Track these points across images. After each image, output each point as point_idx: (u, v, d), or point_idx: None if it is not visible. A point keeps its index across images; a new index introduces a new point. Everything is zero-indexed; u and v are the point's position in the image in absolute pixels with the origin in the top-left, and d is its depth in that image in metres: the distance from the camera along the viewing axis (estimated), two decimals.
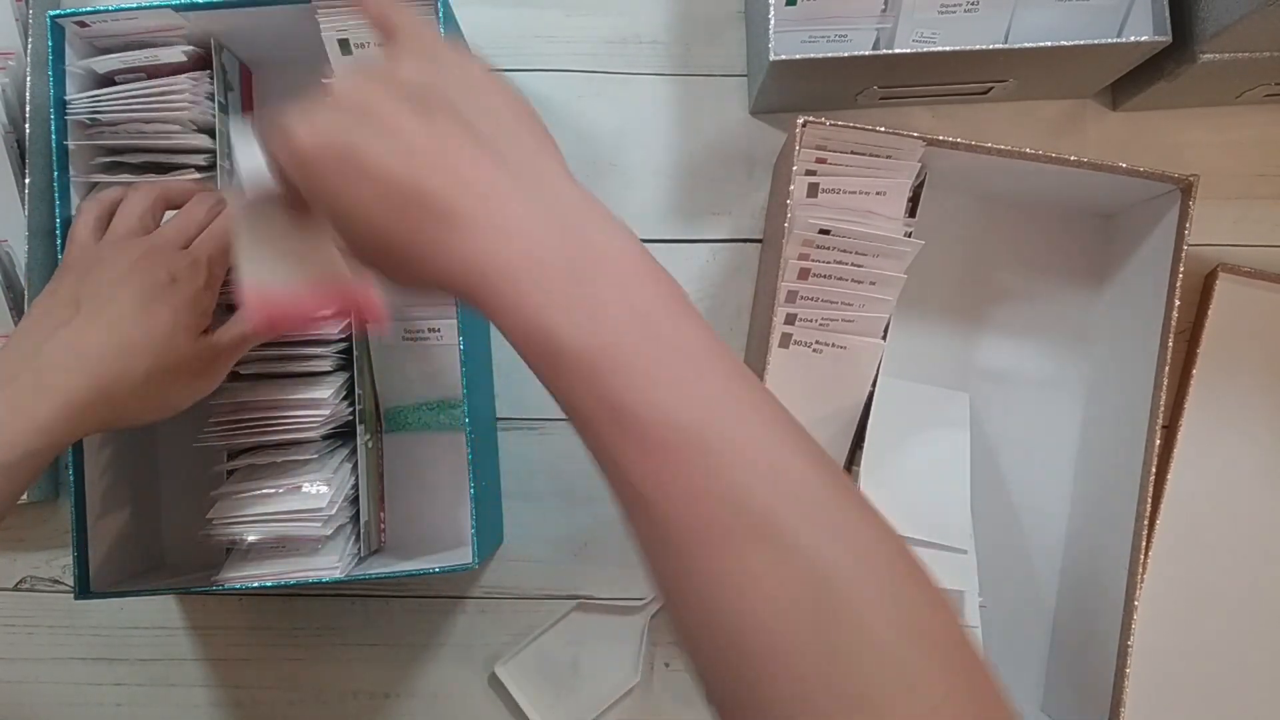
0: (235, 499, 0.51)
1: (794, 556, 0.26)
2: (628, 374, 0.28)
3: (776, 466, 0.27)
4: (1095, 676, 0.52)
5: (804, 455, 0.28)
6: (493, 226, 0.29)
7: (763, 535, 0.26)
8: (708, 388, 0.28)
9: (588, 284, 0.28)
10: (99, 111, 0.52)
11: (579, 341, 0.28)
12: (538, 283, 0.28)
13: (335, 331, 0.52)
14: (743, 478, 0.27)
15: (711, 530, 0.27)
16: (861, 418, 0.55)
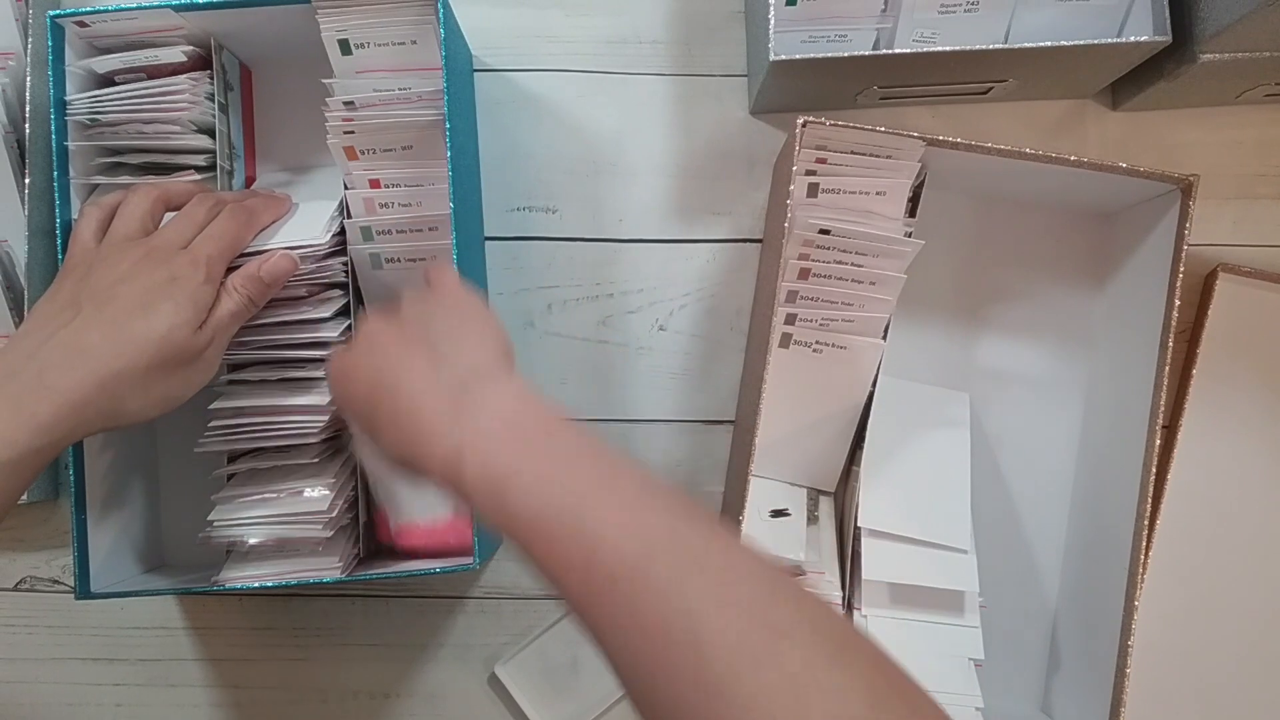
0: (236, 502, 0.51)
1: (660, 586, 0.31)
2: (510, 485, 0.35)
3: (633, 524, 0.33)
4: (1095, 676, 0.52)
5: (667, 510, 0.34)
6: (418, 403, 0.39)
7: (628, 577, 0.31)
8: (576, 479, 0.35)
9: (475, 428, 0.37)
10: (99, 112, 0.52)
11: (474, 473, 0.36)
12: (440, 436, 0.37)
13: (335, 334, 0.52)
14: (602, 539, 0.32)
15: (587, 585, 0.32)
16: (861, 418, 0.55)
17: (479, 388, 0.39)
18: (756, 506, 0.55)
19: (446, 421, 0.38)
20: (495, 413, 0.37)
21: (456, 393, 0.38)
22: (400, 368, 0.41)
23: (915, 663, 0.52)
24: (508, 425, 0.37)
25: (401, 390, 0.40)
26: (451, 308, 0.43)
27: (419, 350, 0.41)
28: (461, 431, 0.37)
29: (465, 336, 0.42)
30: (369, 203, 0.52)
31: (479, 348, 0.41)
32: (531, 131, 0.61)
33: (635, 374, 0.61)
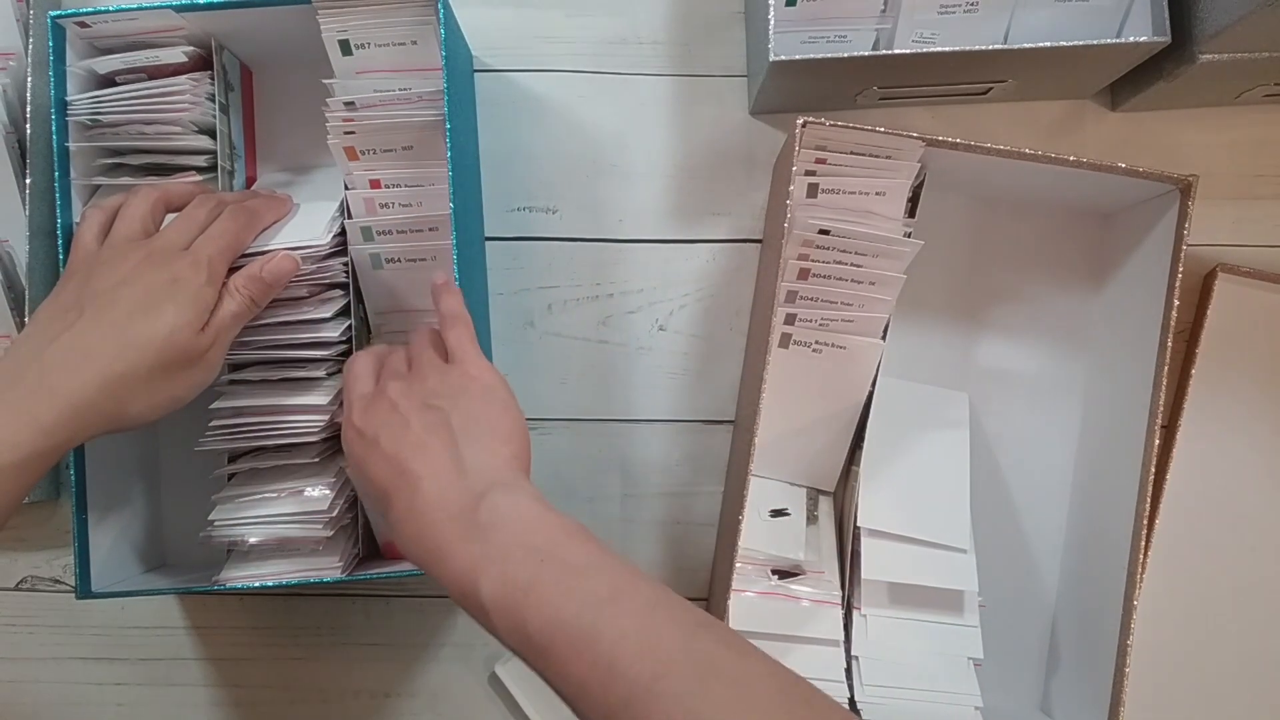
0: (237, 502, 0.52)
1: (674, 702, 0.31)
2: (526, 601, 0.35)
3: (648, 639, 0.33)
4: (1095, 676, 0.52)
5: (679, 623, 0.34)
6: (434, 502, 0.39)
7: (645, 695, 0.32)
8: (590, 593, 0.35)
9: (491, 542, 0.37)
10: (100, 113, 0.52)
11: (490, 590, 0.36)
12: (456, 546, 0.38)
13: (336, 335, 0.52)
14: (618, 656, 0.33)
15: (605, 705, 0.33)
16: (861, 418, 0.55)
17: (497, 499, 0.39)
18: (756, 506, 0.55)
19: (464, 534, 0.38)
20: (513, 529, 0.38)
21: (474, 503, 0.39)
22: (420, 459, 0.40)
23: (915, 662, 0.53)
24: (525, 541, 0.37)
25: (421, 488, 0.40)
26: (478, 397, 0.43)
27: (441, 441, 0.41)
28: (479, 548, 0.37)
29: (488, 434, 0.42)
30: (369, 203, 0.52)
31: (501, 449, 0.41)
32: (531, 132, 0.61)
33: (635, 374, 0.62)
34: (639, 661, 0.32)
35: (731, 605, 0.50)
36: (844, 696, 0.51)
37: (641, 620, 0.34)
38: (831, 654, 0.52)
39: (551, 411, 0.62)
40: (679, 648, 0.33)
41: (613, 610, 0.34)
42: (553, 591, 0.35)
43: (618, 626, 0.34)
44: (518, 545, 0.37)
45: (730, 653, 0.33)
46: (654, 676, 0.32)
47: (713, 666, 0.32)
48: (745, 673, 0.33)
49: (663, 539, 0.62)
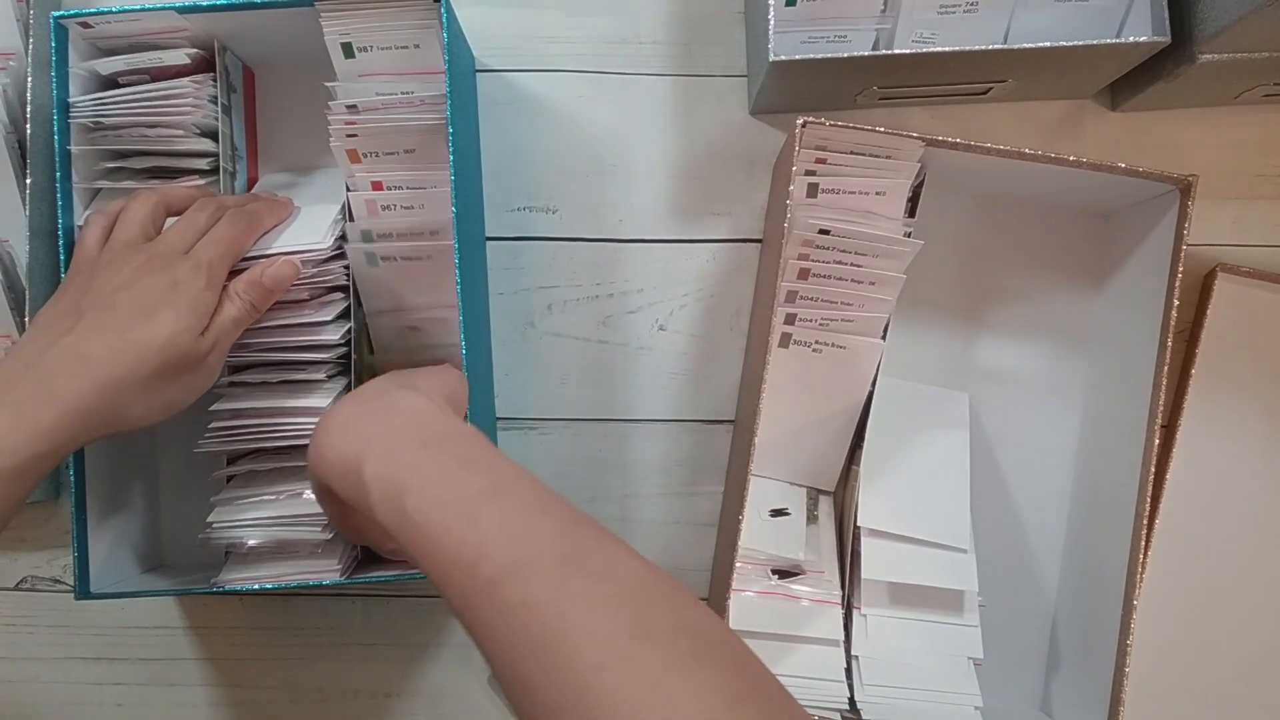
0: (235, 504, 0.51)
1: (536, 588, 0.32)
2: (408, 484, 0.36)
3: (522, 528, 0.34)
4: (1095, 676, 0.52)
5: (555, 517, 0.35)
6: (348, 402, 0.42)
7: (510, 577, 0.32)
8: (474, 484, 0.36)
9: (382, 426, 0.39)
10: (103, 115, 0.52)
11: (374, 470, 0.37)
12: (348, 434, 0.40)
13: (336, 338, 0.52)
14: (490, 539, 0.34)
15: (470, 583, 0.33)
16: (861, 418, 0.55)
17: (396, 396, 0.41)
18: (756, 506, 0.55)
19: (355, 419, 0.40)
20: (404, 416, 0.39)
21: (376, 398, 0.41)
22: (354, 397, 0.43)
23: (915, 662, 0.53)
24: (413, 430, 0.39)
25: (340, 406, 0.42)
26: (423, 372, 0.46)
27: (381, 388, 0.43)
28: (367, 430, 0.39)
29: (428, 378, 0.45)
30: (371, 205, 0.52)
31: (431, 384, 0.44)
32: (532, 132, 0.61)
33: (635, 374, 0.62)
34: (510, 545, 0.33)
35: (731, 605, 0.50)
36: (844, 696, 0.51)
37: (519, 510, 0.35)
38: (831, 654, 0.52)
39: (551, 411, 0.62)
40: (550, 537, 0.34)
41: (494, 501, 0.35)
42: (437, 475, 0.36)
43: (495, 514, 0.35)
44: (408, 433, 0.38)
45: (597, 547, 0.34)
46: (520, 560, 0.33)
47: (578, 557, 0.33)
48: (608, 567, 0.33)
49: (663, 539, 0.62)
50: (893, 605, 0.54)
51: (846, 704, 0.52)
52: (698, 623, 0.32)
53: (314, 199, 0.55)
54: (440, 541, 0.34)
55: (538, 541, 0.34)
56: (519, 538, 0.34)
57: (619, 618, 0.31)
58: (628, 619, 0.31)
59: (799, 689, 0.51)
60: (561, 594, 0.32)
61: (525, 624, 0.31)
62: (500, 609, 0.32)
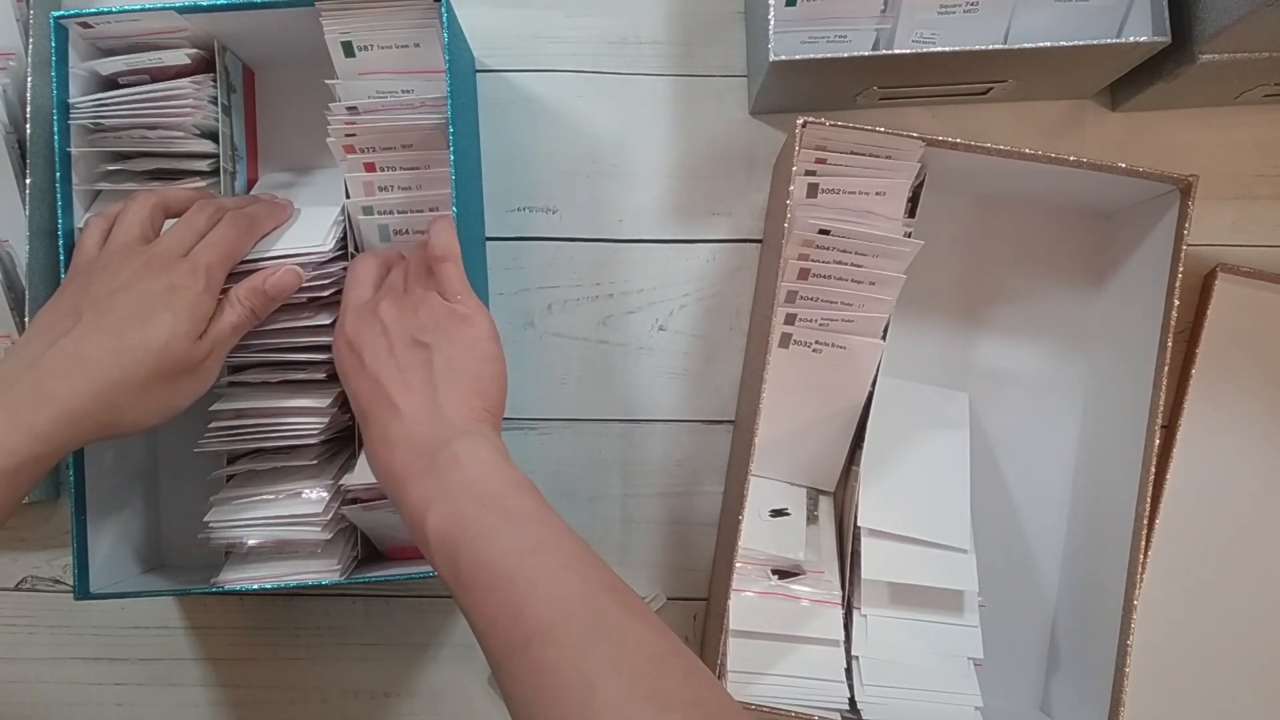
0: (234, 503, 0.51)
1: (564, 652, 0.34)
2: (461, 538, 0.38)
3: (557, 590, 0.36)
4: (1095, 676, 0.52)
5: (588, 581, 0.37)
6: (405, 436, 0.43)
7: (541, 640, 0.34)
8: (518, 540, 0.38)
9: (445, 482, 0.40)
10: (103, 116, 0.52)
11: (435, 523, 0.39)
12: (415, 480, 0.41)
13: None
14: (527, 600, 0.36)
15: (507, 643, 0.35)
16: (861, 418, 0.55)
17: (458, 445, 0.41)
18: (756, 506, 0.55)
19: (424, 470, 0.41)
20: (465, 472, 0.41)
21: (439, 446, 0.42)
22: (400, 393, 0.44)
23: (915, 662, 0.53)
24: (473, 486, 0.40)
25: (396, 420, 0.43)
26: (466, 345, 0.45)
27: (421, 380, 0.44)
28: (431, 486, 0.41)
29: (467, 383, 0.44)
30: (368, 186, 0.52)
31: (475, 401, 0.44)
32: (532, 132, 0.61)
33: (635, 374, 0.62)
34: (543, 609, 0.35)
35: (731, 605, 0.50)
36: (844, 696, 0.51)
37: (555, 573, 0.37)
38: (831, 654, 0.52)
39: (551, 411, 0.62)
40: (580, 603, 0.36)
41: (533, 560, 0.37)
42: (486, 534, 0.38)
43: (533, 575, 0.37)
44: (466, 488, 0.40)
45: (624, 615, 0.36)
46: (551, 624, 0.35)
47: (605, 625, 0.35)
48: (632, 636, 0.35)
49: (663, 539, 0.62)
50: (893, 605, 0.54)
51: (846, 704, 0.52)
52: (712, 698, 0.34)
53: (314, 198, 0.55)
54: (484, 600, 0.37)
55: (569, 605, 0.36)
56: (551, 600, 0.36)
57: (639, 687, 0.33)
58: (647, 688, 0.33)
59: (799, 689, 0.51)
60: (586, 660, 0.34)
61: (553, 687, 0.33)
62: (531, 669, 0.34)
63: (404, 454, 0.42)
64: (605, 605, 0.36)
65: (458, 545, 0.38)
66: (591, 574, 0.38)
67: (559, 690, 0.33)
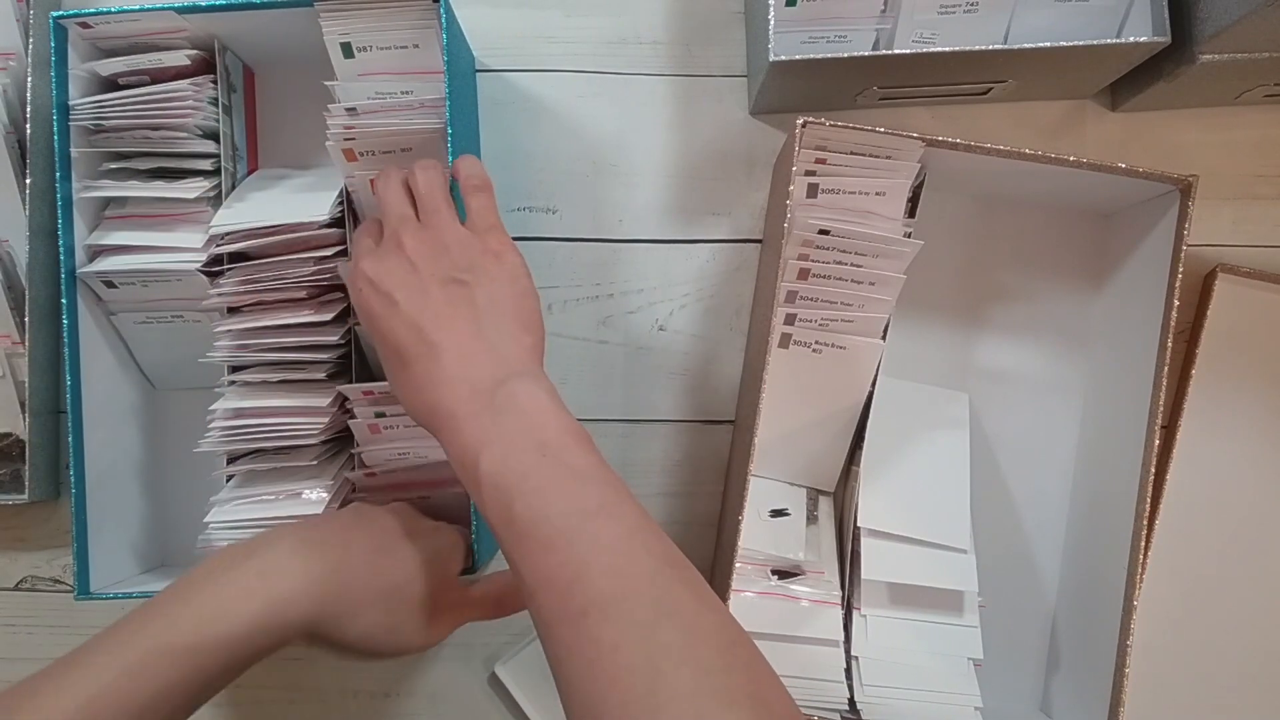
0: (234, 504, 0.51)
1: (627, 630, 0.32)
2: (519, 487, 0.36)
3: (619, 560, 0.34)
4: (1095, 676, 0.52)
5: (653, 554, 0.35)
6: (455, 375, 0.40)
7: (601, 612, 0.33)
8: (580, 499, 0.36)
9: (502, 424, 0.38)
10: (103, 117, 0.52)
11: (489, 466, 0.37)
12: (469, 419, 0.39)
13: (335, 338, 0.52)
14: (587, 565, 0.34)
15: (562, 607, 0.34)
16: (861, 418, 0.55)
17: (514, 384, 0.39)
18: (756, 506, 0.55)
19: (479, 409, 0.39)
20: (524, 416, 0.38)
21: (495, 384, 0.39)
22: (444, 330, 0.41)
23: (915, 662, 0.53)
24: (532, 432, 0.38)
25: (442, 360, 0.40)
26: (505, 279, 0.43)
27: (465, 316, 0.41)
28: (488, 426, 0.38)
29: (512, 320, 0.42)
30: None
31: (522, 336, 0.42)
32: (532, 132, 0.61)
33: (635, 374, 0.62)
34: (605, 578, 0.34)
35: (731, 605, 0.50)
36: (844, 697, 0.51)
37: (618, 540, 0.35)
38: (831, 654, 0.52)
39: None
40: (645, 578, 0.34)
41: (596, 523, 0.35)
42: (546, 486, 0.36)
43: (596, 539, 0.35)
44: (525, 434, 0.38)
45: (690, 597, 0.34)
46: (614, 597, 0.33)
47: (671, 606, 0.33)
48: (698, 622, 0.33)
49: None
50: (893, 605, 0.54)
51: (846, 704, 0.52)
52: (772, 695, 0.33)
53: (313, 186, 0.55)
54: (540, 557, 0.35)
55: (633, 579, 0.34)
56: (615, 571, 0.34)
57: (706, 681, 0.31)
58: (714, 683, 0.31)
59: (799, 689, 0.51)
60: (651, 644, 0.32)
61: (611, 664, 0.32)
62: (588, 641, 0.33)
63: (457, 391, 0.39)
64: (670, 582, 0.34)
65: (512, 493, 0.36)
66: (655, 545, 0.36)
67: (620, 673, 0.31)
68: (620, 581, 0.34)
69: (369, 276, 0.43)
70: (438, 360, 0.40)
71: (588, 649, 0.32)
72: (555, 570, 0.34)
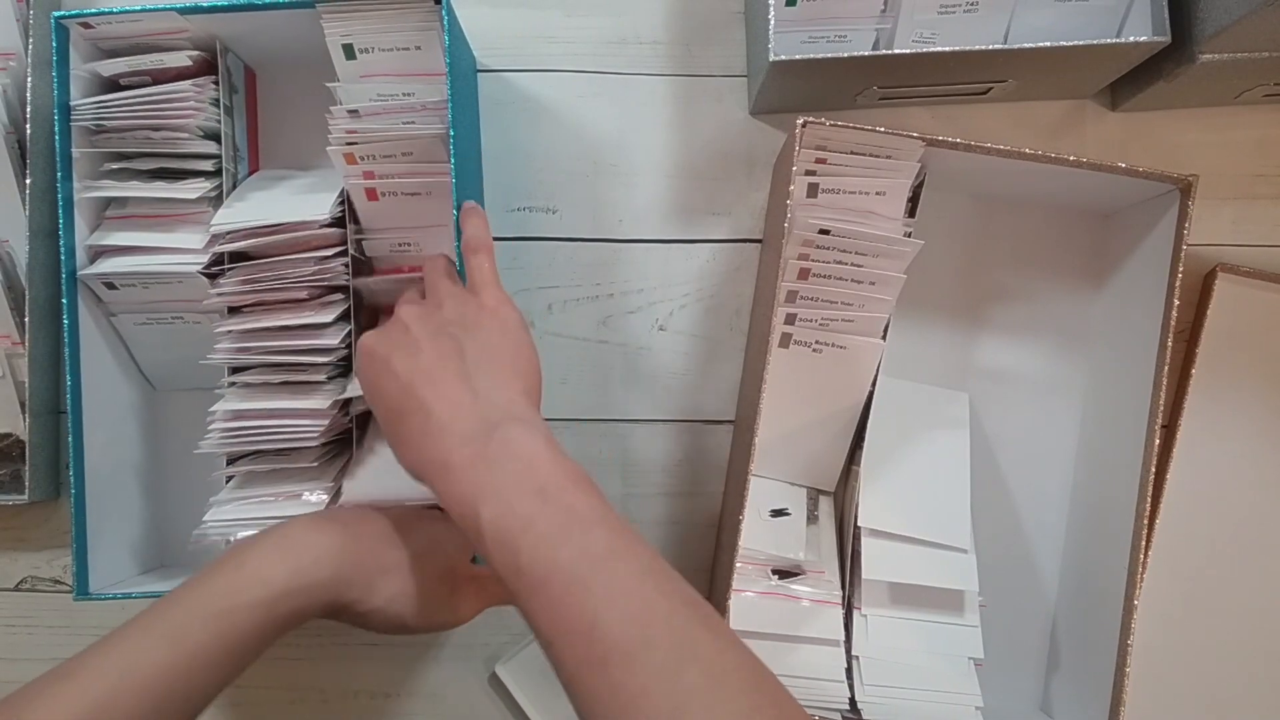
0: (233, 505, 0.51)
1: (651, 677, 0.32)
2: (524, 537, 0.36)
3: (636, 605, 0.34)
4: (1095, 676, 0.52)
5: (668, 596, 0.35)
6: (444, 426, 0.40)
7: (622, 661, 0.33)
8: (588, 544, 0.35)
9: (499, 472, 0.38)
10: (105, 118, 0.52)
11: (491, 516, 0.37)
12: (463, 470, 0.38)
13: (336, 341, 0.52)
14: (604, 613, 0.34)
15: (582, 658, 0.34)
16: (861, 418, 0.55)
17: (507, 430, 0.39)
18: (756, 506, 0.55)
19: (473, 459, 0.38)
20: (520, 463, 0.38)
21: (485, 432, 0.39)
22: (433, 384, 0.41)
23: (915, 662, 0.53)
24: (531, 478, 0.37)
25: (433, 412, 0.40)
26: (496, 330, 0.43)
27: (454, 368, 0.41)
28: (484, 475, 0.38)
29: (503, 368, 0.42)
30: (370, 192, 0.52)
31: (513, 382, 0.42)
32: (532, 132, 0.61)
33: (635, 374, 0.62)
34: (624, 626, 0.33)
35: (732, 605, 0.50)
36: (844, 696, 0.51)
37: (633, 585, 0.35)
38: (832, 654, 0.52)
39: (551, 411, 0.62)
40: (663, 622, 0.34)
41: (608, 568, 0.35)
42: (552, 533, 0.36)
43: (610, 585, 0.34)
44: (524, 481, 0.37)
45: (711, 637, 0.34)
46: (634, 644, 0.33)
47: (693, 649, 0.33)
48: (721, 663, 0.33)
49: (663, 539, 0.62)
50: (893, 605, 0.54)
51: (847, 704, 0.52)
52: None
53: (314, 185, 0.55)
54: (554, 609, 0.35)
55: (651, 624, 0.34)
56: (631, 617, 0.34)
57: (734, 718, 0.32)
58: None
59: (799, 689, 0.51)
60: (676, 689, 0.32)
61: (637, 713, 0.32)
62: (614, 690, 0.33)
63: (447, 443, 0.39)
64: (688, 624, 0.34)
65: (518, 544, 0.36)
66: (668, 586, 0.35)
67: (645, 716, 0.32)
68: (638, 627, 0.33)
69: (368, 347, 0.44)
70: (428, 414, 0.40)
71: (614, 699, 0.33)
72: (571, 620, 0.34)
